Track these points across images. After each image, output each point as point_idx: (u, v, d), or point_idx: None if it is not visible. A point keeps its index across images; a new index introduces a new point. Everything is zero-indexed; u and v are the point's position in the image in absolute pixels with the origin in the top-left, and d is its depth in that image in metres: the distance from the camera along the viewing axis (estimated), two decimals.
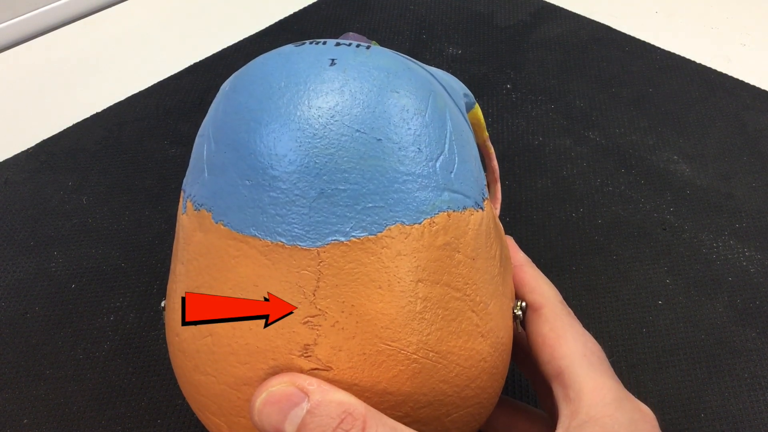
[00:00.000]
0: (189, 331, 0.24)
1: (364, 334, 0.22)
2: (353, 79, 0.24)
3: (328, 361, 0.22)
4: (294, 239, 0.22)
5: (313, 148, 0.22)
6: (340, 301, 0.22)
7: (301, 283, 0.22)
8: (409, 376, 0.22)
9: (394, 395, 0.22)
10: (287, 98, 0.23)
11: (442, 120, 0.25)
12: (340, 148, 0.22)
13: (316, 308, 0.22)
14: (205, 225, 0.24)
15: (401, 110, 0.24)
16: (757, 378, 0.34)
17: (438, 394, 0.23)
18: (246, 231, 0.23)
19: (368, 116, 0.23)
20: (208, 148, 0.25)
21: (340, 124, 0.23)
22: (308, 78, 0.24)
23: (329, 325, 0.22)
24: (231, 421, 0.23)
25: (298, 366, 0.22)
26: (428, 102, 0.25)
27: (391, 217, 0.22)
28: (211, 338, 0.23)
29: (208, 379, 0.23)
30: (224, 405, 0.23)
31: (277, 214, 0.22)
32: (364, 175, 0.22)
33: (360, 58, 0.24)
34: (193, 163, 0.26)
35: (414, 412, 0.22)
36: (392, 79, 0.24)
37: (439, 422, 0.23)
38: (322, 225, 0.22)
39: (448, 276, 0.23)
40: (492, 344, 0.24)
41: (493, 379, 0.25)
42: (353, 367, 0.22)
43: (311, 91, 0.23)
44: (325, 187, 0.22)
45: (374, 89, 0.24)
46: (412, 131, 0.23)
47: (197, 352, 0.24)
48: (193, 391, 0.24)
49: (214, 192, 0.24)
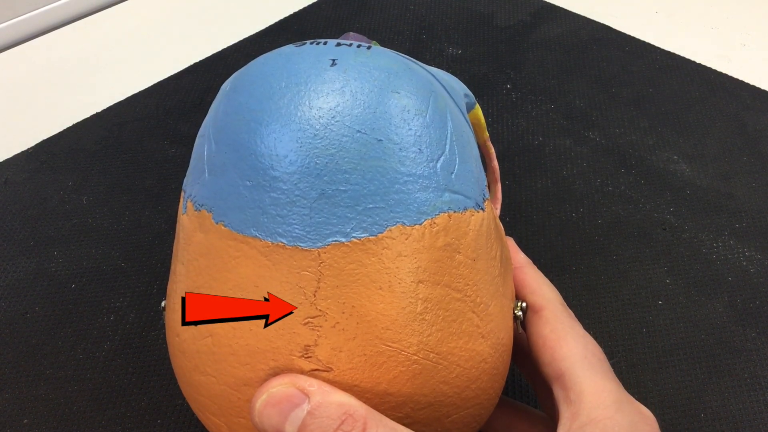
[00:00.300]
0: (189, 331, 0.24)
1: (364, 335, 0.22)
2: (354, 79, 0.23)
3: (329, 362, 0.22)
4: (294, 240, 0.22)
5: (313, 149, 0.22)
6: (340, 302, 0.22)
7: (301, 283, 0.22)
8: (409, 377, 0.22)
9: (394, 396, 0.22)
10: (288, 99, 0.23)
11: (443, 120, 0.25)
12: (341, 149, 0.22)
13: (316, 309, 0.22)
14: (205, 225, 0.24)
15: (402, 110, 0.23)
16: (757, 378, 0.34)
17: (438, 396, 0.23)
18: (246, 232, 0.23)
19: (369, 117, 0.23)
20: (209, 149, 0.25)
21: (341, 125, 0.23)
22: (309, 78, 0.23)
23: (330, 326, 0.22)
24: (231, 422, 0.23)
25: (298, 367, 0.22)
26: (429, 102, 0.25)
27: (392, 218, 0.22)
28: (211, 339, 0.23)
29: (209, 380, 0.23)
30: (224, 405, 0.23)
31: (278, 215, 0.22)
32: (364, 175, 0.22)
33: (361, 58, 0.24)
34: (193, 164, 0.26)
35: (414, 413, 0.22)
36: (393, 80, 0.24)
37: (439, 423, 0.23)
38: (323, 226, 0.22)
39: (448, 277, 0.23)
40: (492, 345, 0.24)
41: (494, 380, 0.25)
42: (354, 368, 0.22)
43: (312, 92, 0.23)
44: (326, 188, 0.22)
45: (375, 89, 0.23)
46: (413, 132, 0.23)
47: (197, 353, 0.23)
48: (193, 391, 0.24)
49: (215, 192, 0.24)
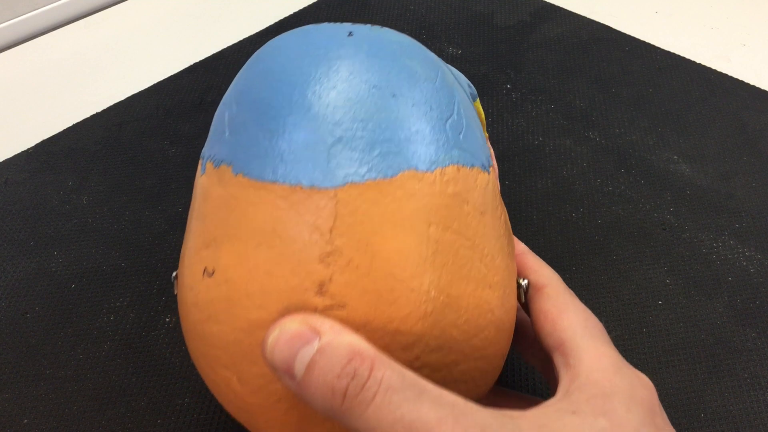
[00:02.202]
0: (204, 282, 0.24)
1: (378, 272, 0.22)
2: (369, 47, 0.25)
3: (342, 298, 0.22)
4: (312, 182, 0.23)
5: (332, 100, 0.24)
6: (355, 239, 0.23)
7: (318, 222, 0.23)
8: (420, 317, 0.23)
9: (405, 336, 0.22)
10: (308, 61, 0.25)
11: (451, 90, 0.26)
12: (358, 101, 0.24)
13: (332, 246, 0.22)
14: (224, 179, 0.25)
15: (414, 75, 0.25)
16: (757, 378, 0.34)
17: (448, 339, 0.23)
18: (265, 178, 0.24)
19: (384, 76, 0.25)
20: (230, 112, 0.26)
21: (358, 80, 0.24)
22: (328, 45, 0.25)
23: (344, 262, 0.22)
24: (242, 371, 0.23)
25: (312, 304, 0.22)
26: (438, 73, 0.26)
27: (405, 163, 0.24)
28: (226, 285, 0.23)
29: (221, 328, 0.24)
30: (236, 353, 0.23)
31: (296, 160, 0.23)
32: (379, 125, 0.24)
33: (375, 33, 0.26)
34: (213, 130, 0.27)
35: (424, 356, 0.23)
36: (405, 50, 0.26)
37: (448, 371, 0.23)
38: (339, 168, 0.23)
39: (458, 224, 0.24)
40: (499, 297, 0.25)
41: (500, 335, 0.25)
42: (367, 304, 0.22)
43: (331, 56, 0.25)
44: (343, 134, 0.23)
45: (389, 56, 0.25)
46: (424, 93, 0.25)
47: (211, 302, 0.24)
48: (204, 344, 0.24)
49: (235, 148, 0.25)
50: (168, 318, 0.37)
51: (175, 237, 0.42)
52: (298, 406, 0.23)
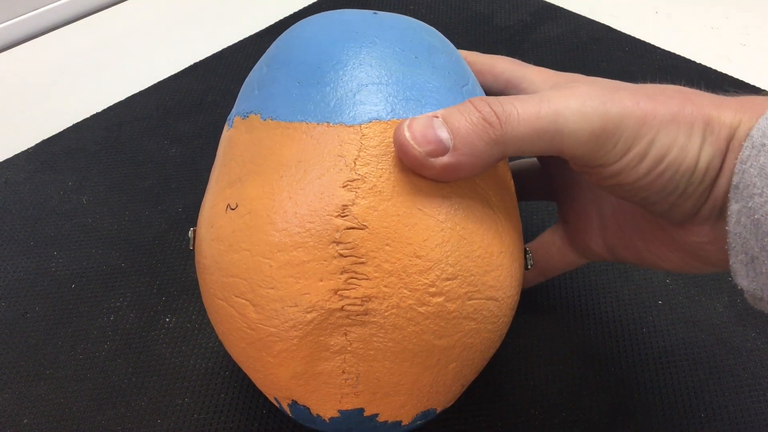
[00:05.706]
0: (227, 216, 0.25)
1: (399, 197, 0.24)
2: (392, 22, 0.28)
3: (364, 219, 0.23)
4: (339, 119, 0.25)
5: (360, 54, 0.26)
6: (378, 168, 0.24)
7: (343, 153, 0.24)
8: (438, 243, 0.24)
9: (422, 260, 0.24)
10: (336, 31, 0.27)
11: (465, 67, 0.29)
12: (383, 59, 0.26)
13: (356, 173, 0.24)
14: (252, 125, 0.26)
15: (433, 46, 0.28)
16: (757, 378, 0.34)
17: (462, 270, 0.24)
18: (294, 119, 0.25)
19: (407, 43, 0.27)
20: (260, 73, 0.28)
21: (384, 42, 0.27)
22: (352, 20, 0.28)
23: (368, 187, 0.24)
24: (259, 296, 0.24)
25: (334, 225, 0.23)
26: (453, 52, 0.29)
27: (426, 108, 0.25)
28: (249, 216, 0.24)
29: (242, 255, 0.24)
30: (255, 278, 0.24)
31: (325, 102, 0.25)
32: (403, 78, 0.26)
33: (395, 16, 0.29)
34: (240, 97, 0.29)
35: (440, 283, 0.24)
36: (425, 29, 0.29)
37: (461, 302, 0.24)
38: (365, 108, 0.25)
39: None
40: (507, 245, 0.26)
41: (509, 282, 0.26)
42: (387, 226, 0.23)
43: (357, 27, 0.27)
44: (369, 82, 0.25)
45: (410, 30, 0.28)
46: (443, 61, 0.27)
47: (233, 232, 0.25)
48: (223, 275, 0.25)
49: (264, 99, 0.26)
50: (168, 318, 0.37)
51: (175, 237, 0.42)
52: (310, 337, 0.24)
